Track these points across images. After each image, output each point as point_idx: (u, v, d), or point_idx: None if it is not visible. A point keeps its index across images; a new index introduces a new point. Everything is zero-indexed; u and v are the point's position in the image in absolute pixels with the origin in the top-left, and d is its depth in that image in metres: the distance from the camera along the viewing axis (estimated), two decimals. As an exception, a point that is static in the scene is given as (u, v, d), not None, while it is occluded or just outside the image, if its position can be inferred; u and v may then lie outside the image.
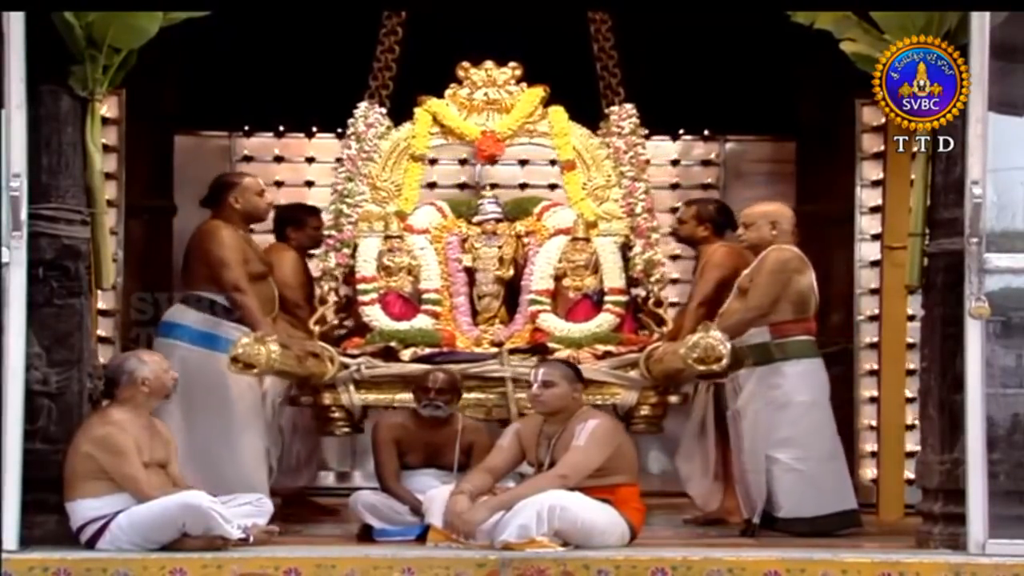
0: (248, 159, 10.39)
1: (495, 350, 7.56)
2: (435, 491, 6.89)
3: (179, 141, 10.06)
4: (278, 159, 10.43)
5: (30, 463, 6.29)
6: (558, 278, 7.80)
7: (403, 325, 7.66)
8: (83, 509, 6.34)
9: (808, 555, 6.25)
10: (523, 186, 9.93)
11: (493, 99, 8.06)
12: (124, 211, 8.64)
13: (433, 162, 8.39)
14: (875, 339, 8.80)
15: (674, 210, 10.18)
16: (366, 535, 7.15)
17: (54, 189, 6.56)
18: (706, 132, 10.54)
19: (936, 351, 6.62)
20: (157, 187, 9.74)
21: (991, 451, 6.35)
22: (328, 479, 9.78)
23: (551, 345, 7.51)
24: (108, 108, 7.95)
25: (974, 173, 6.35)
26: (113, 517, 6.29)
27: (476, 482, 6.66)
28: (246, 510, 6.63)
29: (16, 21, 6.24)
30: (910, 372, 8.40)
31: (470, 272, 7.89)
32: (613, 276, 7.77)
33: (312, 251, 8.40)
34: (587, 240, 7.81)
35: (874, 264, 8.86)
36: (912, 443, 8.22)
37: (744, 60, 9.60)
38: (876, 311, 8.79)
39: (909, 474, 8.23)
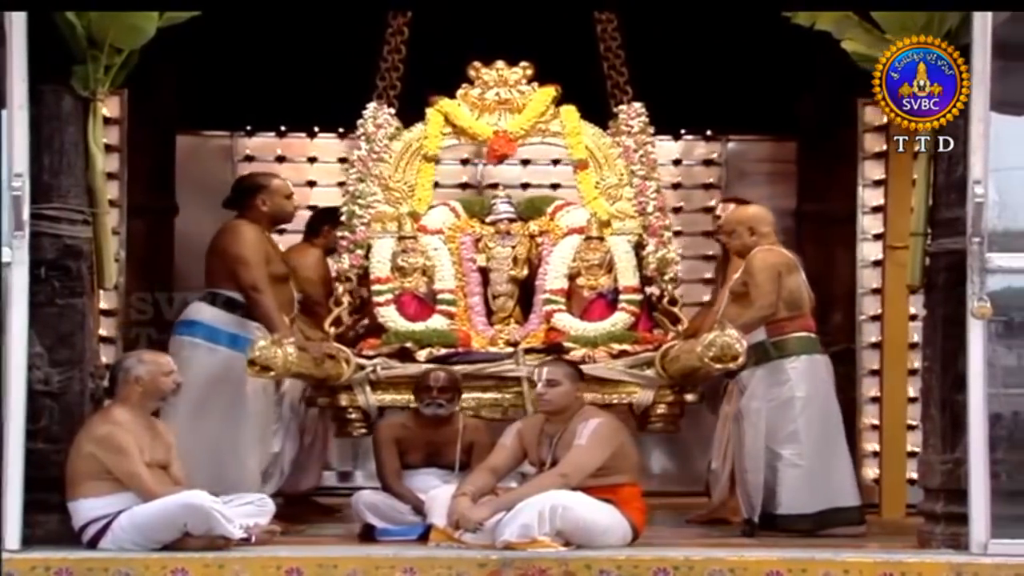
0: (250, 159, 10.38)
1: (511, 350, 7.55)
2: (437, 491, 6.89)
3: (181, 141, 10.06)
4: (280, 159, 10.41)
5: (32, 463, 6.29)
6: (572, 277, 7.79)
7: (418, 326, 7.65)
8: (85, 509, 6.33)
9: (810, 555, 6.25)
10: (525, 186, 9.93)
11: (505, 99, 8.05)
12: (126, 211, 8.65)
13: (436, 162, 8.32)
14: (877, 339, 8.80)
15: (678, 210, 10.20)
16: (368, 535, 7.14)
17: (56, 189, 6.57)
18: (708, 132, 10.53)
19: (938, 351, 6.61)
20: (159, 187, 9.74)
21: (993, 451, 6.34)
22: (330, 479, 9.76)
23: (567, 344, 7.49)
24: (110, 108, 7.94)
25: (976, 172, 6.35)
26: (115, 517, 6.29)
27: (478, 482, 6.66)
28: (248, 510, 6.62)
29: (18, 21, 6.24)
30: (912, 372, 8.40)
31: (484, 272, 7.89)
32: (627, 275, 7.76)
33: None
34: (601, 239, 7.81)
35: (876, 264, 8.85)
36: (914, 443, 8.22)
37: (746, 60, 9.59)
38: (878, 311, 8.79)
39: (911, 474, 8.24)
